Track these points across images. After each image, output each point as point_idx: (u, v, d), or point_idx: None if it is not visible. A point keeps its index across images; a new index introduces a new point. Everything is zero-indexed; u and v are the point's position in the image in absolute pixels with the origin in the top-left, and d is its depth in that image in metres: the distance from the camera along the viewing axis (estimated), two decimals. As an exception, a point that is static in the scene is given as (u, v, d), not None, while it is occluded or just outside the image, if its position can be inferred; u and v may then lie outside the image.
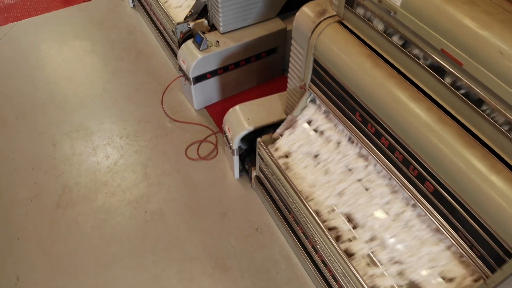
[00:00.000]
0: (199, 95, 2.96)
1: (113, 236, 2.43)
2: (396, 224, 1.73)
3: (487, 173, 1.33)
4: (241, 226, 2.49)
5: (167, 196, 2.61)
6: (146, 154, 2.82)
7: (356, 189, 1.89)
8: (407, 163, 1.61)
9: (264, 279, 2.29)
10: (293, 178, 2.07)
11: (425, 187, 1.57)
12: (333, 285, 2.02)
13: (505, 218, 1.29)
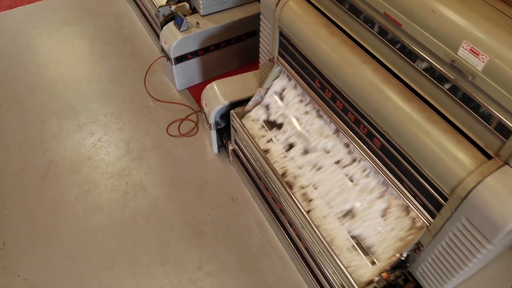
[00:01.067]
0: (181, 75, 3.09)
1: (95, 205, 2.55)
2: (349, 181, 1.86)
3: (424, 123, 1.45)
4: (218, 197, 2.61)
5: (148, 170, 2.73)
6: (129, 131, 2.95)
7: (319, 154, 2.01)
8: (358, 123, 1.74)
9: (238, 243, 2.41)
10: (261, 143, 2.20)
11: (374, 143, 1.69)
12: (299, 244, 2.14)
13: (440, 164, 1.41)
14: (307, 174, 2.02)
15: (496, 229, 1.29)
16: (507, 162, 1.32)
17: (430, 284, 1.71)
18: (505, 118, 1.26)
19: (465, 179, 1.34)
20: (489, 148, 1.36)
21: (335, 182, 1.91)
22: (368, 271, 1.75)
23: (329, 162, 1.96)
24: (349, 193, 1.86)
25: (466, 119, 1.39)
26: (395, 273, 1.78)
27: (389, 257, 1.72)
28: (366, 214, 1.80)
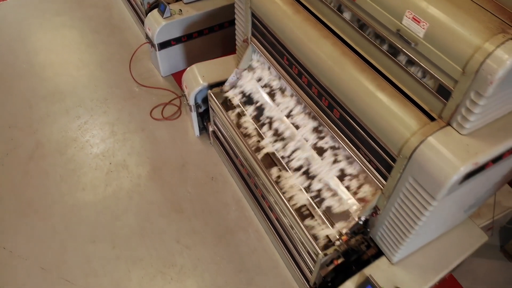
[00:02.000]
0: (165, 62, 3.19)
1: (79, 184, 2.65)
2: (315, 154, 1.96)
3: (375, 91, 1.56)
4: (198, 176, 2.71)
5: (131, 151, 2.83)
6: (113, 114, 3.05)
7: (287, 125, 2.11)
8: (320, 96, 1.84)
9: (215, 218, 2.51)
10: (231, 115, 2.31)
11: (334, 114, 1.79)
12: (271, 216, 2.24)
13: (388, 126, 1.51)
14: (277, 145, 2.12)
15: (438, 186, 1.39)
16: (449, 123, 1.42)
17: (388, 248, 1.81)
18: (445, 80, 1.36)
19: (409, 139, 1.44)
20: (433, 111, 1.46)
21: (302, 153, 2.02)
22: (326, 232, 1.85)
23: (298, 135, 2.06)
24: (315, 163, 1.96)
25: (411, 84, 1.50)
26: (356, 238, 1.89)
27: (349, 221, 1.82)
28: (328, 181, 1.90)
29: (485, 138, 1.40)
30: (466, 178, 1.39)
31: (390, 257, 1.84)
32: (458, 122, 1.39)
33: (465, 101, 1.33)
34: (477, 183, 1.55)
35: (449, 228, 1.96)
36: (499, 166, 1.55)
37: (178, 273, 2.29)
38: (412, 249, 1.87)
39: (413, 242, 1.76)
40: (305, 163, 2.01)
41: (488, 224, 2.09)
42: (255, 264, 2.33)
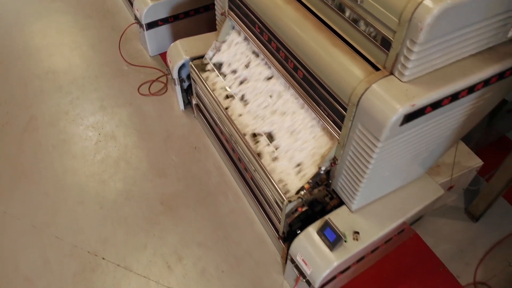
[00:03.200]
0: (152, 41, 3.36)
1: (70, 152, 2.82)
2: (280, 107, 2.13)
3: (329, 47, 1.72)
4: (182, 146, 2.88)
5: (119, 123, 3.00)
6: (103, 91, 3.22)
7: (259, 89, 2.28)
8: (287, 59, 2.00)
9: (197, 183, 2.68)
10: (210, 83, 2.48)
11: (298, 74, 1.96)
12: (247, 177, 2.41)
13: (339, 78, 1.68)
14: (248, 107, 2.29)
15: (381, 127, 1.55)
16: (391, 72, 1.59)
17: (347, 196, 1.97)
18: (385, 32, 1.53)
19: (357, 87, 1.60)
20: (378, 62, 1.63)
21: (271, 113, 2.18)
22: (294, 185, 2.01)
23: (269, 98, 2.23)
24: (282, 121, 2.13)
25: (360, 39, 1.66)
26: (319, 189, 2.05)
27: (311, 171, 1.98)
28: (292, 135, 2.06)
29: (424, 84, 1.56)
30: (407, 120, 1.55)
31: (349, 205, 2.00)
32: (399, 70, 1.55)
33: (402, 49, 1.49)
34: (424, 130, 1.71)
35: (407, 182, 2.12)
36: (443, 115, 1.71)
37: (160, 231, 2.46)
38: (371, 199, 2.03)
39: (369, 190, 1.92)
40: (273, 121, 2.18)
41: (446, 182, 2.25)
42: (233, 222, 2.50)
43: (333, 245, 1.86)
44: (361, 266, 2.19)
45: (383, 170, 1.82)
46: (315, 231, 1.95)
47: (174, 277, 2.28)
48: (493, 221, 2.56)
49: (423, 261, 2.37)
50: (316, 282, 1.90)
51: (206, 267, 2.32)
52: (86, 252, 2.37)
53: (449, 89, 1.57)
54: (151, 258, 2.35)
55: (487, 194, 2.39)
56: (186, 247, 2.39)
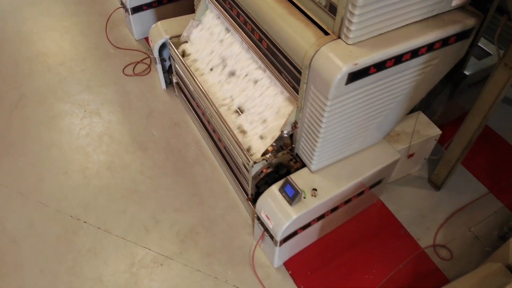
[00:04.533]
0: (138, 25, 3.52)
1: (56, 127, 2.98)
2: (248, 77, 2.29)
3: (286, 15, 1.87)
4: (163, 122, 3.04)
5: (104, 101, 3.16)
6: (90, 71, 3.38)
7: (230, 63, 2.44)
8: (253, 31, 2.16)
9: (176, 155, 2.83)
10: (186, 59, 2.64)
11: (262, 45, 2.11)
12: (220, 146, 2.56)
13: (294, 42, 1.83)
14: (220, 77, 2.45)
15: (328, 85, 1.70)
16: (339, 36, 1.74)
17: (307, 157, 2.12)
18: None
19: (308, 50, 1.75)
20: (328, 27, 1.78)
21: (240, 82, 2.34)
22: (260, 149, 2.16)
23: (237, 68, 2.39)
24: (249, 90, 2.28)
25: (312, 7, 1.82)
26: (284, 152, 2.20)
27: (274, 135, 2.13)
28: (259, 103, 2.22)
29: (368, 47, 1.71)
30: (352, 79, 1.70)
31: (309, 166, 2.15)
32: (344, 34, 1.70)
33: (346, 13, 1.64)
34: (372, 92, 1.86)
35: (365, 146, 2.27)
36: (390, 78, 1.86)
37: (140, 197, 2.61)
38: (330, 161, 2.17)
39: (326, 152, 2.07)
40: (242, 90, 2.33)
41: (405, 149, 2.40)
42: (208, 190, 2.65)
43: (292, 199, 2.01)
44: (324, 226, 2.34)
45: (337, 131, 1.97)
46: (277, 189, 2.10)
47: (151, 238, 2.44)
48: (455, 190, 2.70)
49: (386, 225, 2.52)
50: (278, 234, 2.05)
51: (181, 230, 2.47)
52: (69, 217, 2.52)
53: (391, 50, 1.72)
54: (130, 222, 2.50)
55: (446, 162, 2.54)
56: (163, 212, 2.54)
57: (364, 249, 2.40)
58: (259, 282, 2.26)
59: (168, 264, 2.34)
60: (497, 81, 2.05)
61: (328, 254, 2.38)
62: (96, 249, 2.39)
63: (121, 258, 2.36)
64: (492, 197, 2.69)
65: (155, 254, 2.37)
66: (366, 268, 2.33)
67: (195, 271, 2.31)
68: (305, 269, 2.32)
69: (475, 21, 1.90)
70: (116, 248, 2.40)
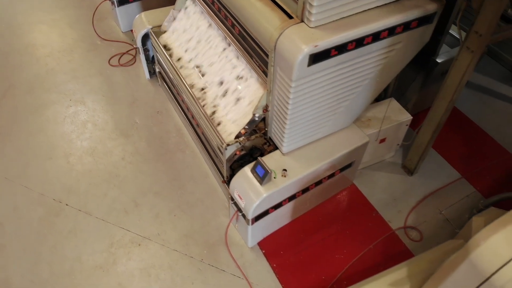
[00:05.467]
0: (124, 18, 3.60)
1: (43, 116, 3.06)
2: (222, 63, 2.37)
3: (254, 1, 1.95)
4: (146, 110, 3.12)
5: (89, 90, 3.24)
6: (77, 62, 3.46)
7: (208, 50, 2.52)
8: (226, 18, 2.24)
9: (158, 142, 2.91)
10: (165, 46, 2.72)
11: (235, 31, 2.19)
12: (199, 132, 2.64)
13: (261, 26, 1.91)
14: (200, 64, 2.53)
15: (291, 67, 1.78)
16: (302, 20, 1.82)
17: (278, 140, 2.20)
18: (294, -16, 1.76)
19: (273, 33, 1.83)
20: (292, 12, 1.86)
21: (216, 69, 2.42)
22: (233, 133, 2.24)
23: (214, 55, 2.47)
24: (225, 76, 2.37)
25: (277, -8, 1.90)
26: (257, 135, 2.28)
27: (246, 118, 2.21)
28: (233, 89, 2.30)
29: (329, 30, 1.79)
30: (314, 61, 1.78)
31: (281, 148, 2.23)
32: (307, 17, 1.78)
33: (307, -3, 1.73)
34: (337, 75, 1.94)
35: (335, 130, 2.34)
36: (354, 61, 1.93)
37: (120, 182, 2.69)
38: (300, 143, 2.25)
39: (296, 134, 2.15)
40: (217, 76, 2.41)
41: (375, 133, 2.47)
42: (188, 175, 2.73)
43: (263, 179, 2.09)
44: (297, 207, 2.41)
45: (305, 113, 2.04)
46: (249, 170, 2.18)
47: (130, 220, 2.52)
48: (428, 175, 2.78)
49: (358, 208, 2.60)
50: (249, 212, 2.13)
51: (160, 212, 2.55)
52: (52, 200, 2.60)
53: (351, 33, 1.80)
54: (110, 205, 2.58)
55: (417, 146, 2.61)
56: (143, 196, 2.62)
57: (336, 230, 2.48)
58: (233, 261, 2.34)
59: (146, 244, 2.42)
60: (460, 65, 2.13)
61: (301, 235, 2.46)
62: (76, 230, 2.47)
63: (101, 238, 2.44)
64: (465, 182, 2.77)
65: (134, 235, 2.45)
66: (337, 248, 2.41)
67: (171, 251, 2.39)
68: (278, 249, 2.40)
69: (437, 6, 1.98)
70: (96, 229, 2.48)
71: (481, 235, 1.23)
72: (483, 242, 1.21)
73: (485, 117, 3.13)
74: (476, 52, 2.03)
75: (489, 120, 3.12)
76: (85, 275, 2.30)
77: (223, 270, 2.32)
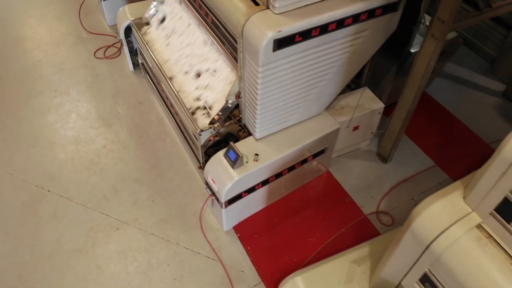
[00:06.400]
0: (110, 11, 3.68)
1: (28, 106, 3.13)
2: (199, 50, 2.44)
3: (223, -10, 2.03)
4: (128, 100, 3.19)
5: (75, 82, 3.31)
6: (63, 54, 3.53)
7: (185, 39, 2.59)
8: (200, 6, 2.31)
9: (139, 132, 2.98)
10: (146, 37, 2.79)
11: (209, 20, 2.26)
12: (178, 120, 2.71)
13: (230, 13, 1.98)
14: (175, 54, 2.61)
15: (257, 52, 1.85)
16: (267, 6, 1.89)
17: (251, 126, 2.27)
18: (259, -28, 1.83)
19: (240, 19, 1.90)
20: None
21: (192, 57, 2.49)
22: (208, 119, 2.31)
23: (191, 44, 2.54)
24: (201, 64, 2.44)
25: (245, -19, 1.97)
26: (231, 122, 2.35)
27: (219, 104, 2.28)
28: (208, 75, 2.37)
29: (293, 16, 1.86)
30: (279, 46, 1.85)
31: (254, 134, 2.30)
32: (271, 4, 1.85)
33: (271, -16, 1.80)
34: (304, 61, 2.00)
35: (307, 117, 2.41)
36: (320, 48, 2.00)
37: (101, 169, 2.76)
38: (273, 129, 2.32)
39: (268, 120, 2.22)
40: (194, 65, 2.49)
41: (347, 120, 2.54)
42: (168, 162, 2.80)
43: (234, 163, 2.16)
44: (271, 192, 2.48)
45: (275, 99, 2.11)
46: (222, 155, 2.25)
47: (109, 205, 2.58)
48: (402, 162, 2.85)
49: (332, 194, 2.67)
50: (222, 196, 2.20)
51: (139, 198, 2.62)
52: (34, 186, 2.67)
53: (315, 20, 1.87)
54: (91, 191, 2.65)
55: (390, 134, 2.68)
56: (122, 182, 2.69)
57: (309, 214, 2.55)
58: (208, 243, 2.41)
59: (124, 228, 2.49)
60: (425, 52, 2.20)
61: (275, 219, 2.52)
62: (57, 215, 2.54)
63: (80, 223, 2.50)
64: (439, 169, 2.84)
65: (112, 220, 2.52)
66: (310, 232, 2.47)
67: (149, 235, 2.46)
68: (253, 233, 2.47)
69: (400, -6, 2.05)
70: (76, 214, 2.54)
71: (421, 205, 1.30)
72: (423, 212, 1.27)
73: (462, 108, 3.20)
74: (440, 39, 2.10)
75: (466, 110, 3.19)
76: (64, 257, 2.37)
77: (198, 252, 2.39)
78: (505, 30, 3.37)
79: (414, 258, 1.29)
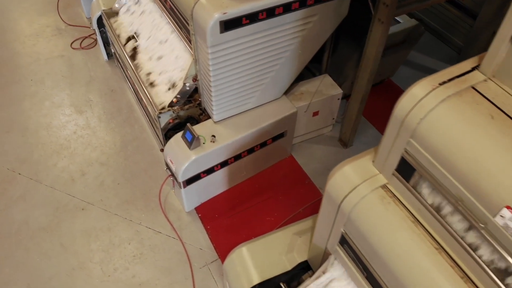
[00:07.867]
0: (87, 3, 3.76)
1: (4, 94, 3.23)
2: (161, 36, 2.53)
3: (176, -24, 2.11)
4: (101, 88, 3.28)
5: (50, 71, 3.41)
6: (41, 46, 3.63)
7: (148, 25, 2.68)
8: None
9: (109, 118, 3.07)
10: (114, 25, 2.88)
11: (167, 6, 2.35)
12: (144, 107, 2.80)
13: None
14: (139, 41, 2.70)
15: (204, 33, 1.93)
16: (216, -9, 1.98)
17: (209, 108, 2.36)
18: (207, -43, 1.92)
19: (190, 2, 1.99)
20: (208, -16, 2.02)
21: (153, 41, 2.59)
22: (168, 101, 2.40)
23: (153, 29, 2.63)
24: (160, 48, 2.53)
25: (195, -34, 2.05)
26: (190, 105, 2.44)
27: (177, 87, 2.37)
28: (167, 60, 2.46)
29: (240, 0, 1.95)
30: (226, 28, 1.94)
31: (212, 117, 2.39)
32: (219, -12, 1.94)
33: (217, -31, 1.89)
34: (254, 44, 2.09)
35: (265, 101, 2.49)
36: (270, 31, 2.08)
37: (70, 153, 2.85)
38: (231, 113, 2.40)
39: (225, 103, 2.30)
40: (154, 53, 2.58)
41: (305, 105, 2.62)
42: (135, 147, 2.89)
43: (191, 143, 2.25)
44: (232, 174, 2.56)
45: (229, 81, 2.19)
46: (180, 136, 2.33)
47: (76, 187, 2.67)
48: (363, 147, 2.88)
49: (293, 176, 2.75)
50: (179, 175, 2.28)
51: (105, 180, 2.71)
52: (6, 169, 2.76)
53: (260, 3, 1.95)
54: (59, 174, 2.74)
55: (348, 119, 2.77)
56: (90, 165, 2.78)
57: (269, 195, 2.63)
58: (169, 223, 2.49)
59: (89, 209, 2.57)
60: (374, 37, 2.29)
61: (236, 200, 2.61)
62: (26, 196, 2.63)
63: (48, 204, 2.59)
64: (400, 155, 2.92)
65: (78, 201, 2.61)
66: (269, 212, 2.56)
67: (112, 215, 2.55)
68: (213, 213, 2.55)
69: (347, -20, 2.14)
70: (44, 196, 2.63)
71: (336, 168, 1.39)
72: (336, 173, 1.36)
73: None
74: (385, 23, 2.18)
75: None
76: (30, 235, 2.45)
77: (159, 232, 2.48)
78: (471, 20, 3.46)
79: (332, 219, 1.37)
